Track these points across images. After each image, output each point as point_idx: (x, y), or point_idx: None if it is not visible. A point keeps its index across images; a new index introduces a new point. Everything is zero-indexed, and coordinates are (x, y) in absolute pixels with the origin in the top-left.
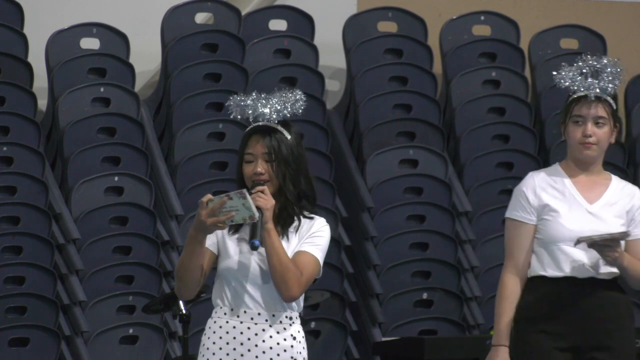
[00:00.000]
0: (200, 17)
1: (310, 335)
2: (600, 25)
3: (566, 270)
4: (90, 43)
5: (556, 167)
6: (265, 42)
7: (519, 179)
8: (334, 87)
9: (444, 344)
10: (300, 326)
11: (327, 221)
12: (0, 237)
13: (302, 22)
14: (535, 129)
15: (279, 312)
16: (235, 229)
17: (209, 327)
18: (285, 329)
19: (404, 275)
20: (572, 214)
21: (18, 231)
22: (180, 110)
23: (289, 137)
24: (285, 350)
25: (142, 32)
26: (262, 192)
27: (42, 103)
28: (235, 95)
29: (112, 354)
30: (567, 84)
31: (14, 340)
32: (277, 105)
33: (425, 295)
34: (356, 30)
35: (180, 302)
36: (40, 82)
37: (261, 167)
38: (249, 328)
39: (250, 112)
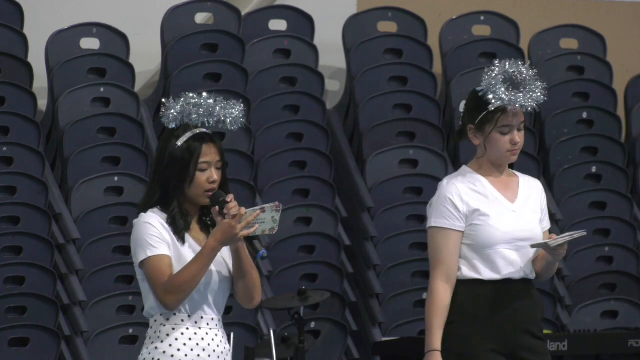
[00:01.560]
0: (200, 17)
1: (310, 335)
2: (600, 25)
3: (504, 272)
4: (90, 43)
5: (467, 170)
6: (265, 42)
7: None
8: (334, 87)
9: None
10: None
11: (326, 221)
12: (0, 237)
13: (302, 22)
14: (535, 129)
15: (220, 315)
16: (181, 237)
17: (167, 335)
18: (223, 331)
19: (404, 275)
20: (500, 216)
21: (18, 231)
22: None
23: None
24: (227, 354)
25: (142, 32)
26: (231, 200)
27: (42, 103)
28: (172, 100)
29: (112, 354)
30: (491, 96)
31: (14, 340)
32: (235, 114)
33: (425, 296)
34: (356, 30)
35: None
36: (40, 82)
37: (216, 174)
38: (207, 333)
39: (211, 119)
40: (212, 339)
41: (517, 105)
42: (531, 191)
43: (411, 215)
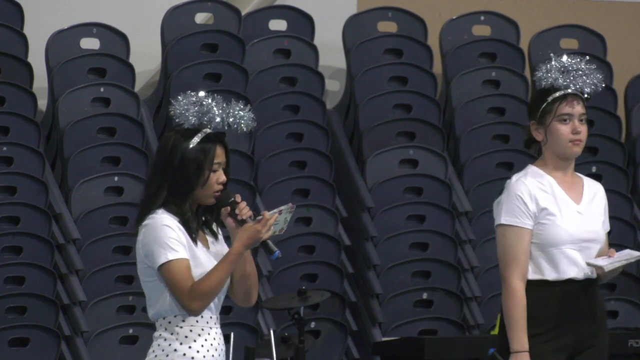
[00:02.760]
0: (200, 17)
1: (310, 335)
2: (600, 25)
3: (569, 273)
4: (90, 43)
5: (534, 169)
6: (265, 42)
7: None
8: (334, 87)
9: (444, 344)
10: None
11: (326, 221)
12: (0, 237)
13: (302, 22)
14: None
15: (217, 315)
16: (194, 239)
17: (186, 337)
18: (219, 331)
19: (404, 275)
20: (565, 215)
21: (18, 231)
22: None
23: None
24: (223, 349)
25: (142, 32)
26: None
27: (42, 103)
28: (181, 100)
29: (112, 354)
30: (546, 82)
31: (14, 340)
32: (244, 115)
33: (425, 295)
34: (356, 30)
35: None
36: (40, 82)
37: (224, 176)
38: (216, 333)
39: (224, 121)
40: (220, 338)
41: (585, 89)
42: (595, 194)
43: (411, 215)
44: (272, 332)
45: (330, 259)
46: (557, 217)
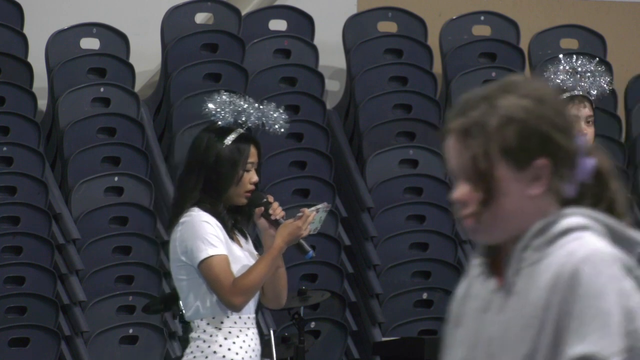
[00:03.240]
0: (200, 17)
1: (310, 335)
2: (600, 25)
3: None
4: (90, 43)
5: None
6: (265, 42)
7: None
8: (334, 87)
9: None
10: None
11: (326, 221)
12: (0, 237)
13: (302, 22)
14: None
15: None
16: (231, 237)
17: (225, 339)
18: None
19: (404, 275)
20: None
21: (18, 231)
22: (180, 110)
23: None
24: (259, 350)
25: (142, 32)
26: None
27: (42, 103)
28: (217, 99)
29: (112, 354)
30: (557, 82)
31: (14, 340)
32: (281, 116)
33: (425, 295)
34: (356, 30)
35: (180, 302)
36: (40, 82)
37: (257, 176)
38: (253, 334)
39: (262, 118)
40: (257, 338)
41: (592, 90)
42: None
43: (411, 215)
44: (272, 332)
45: (330, 259)
46: None
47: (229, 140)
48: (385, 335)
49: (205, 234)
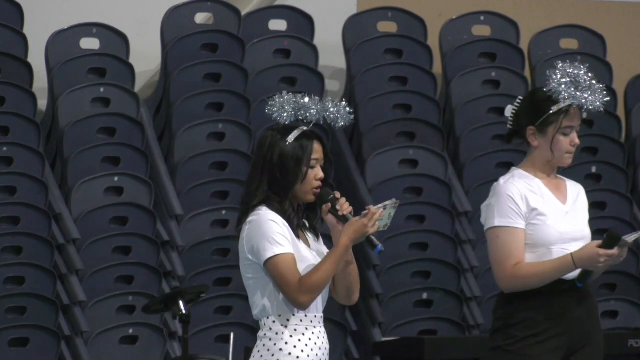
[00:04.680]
0: (200, 17)
1: None
2: (600, 25)
3: None
4: (90, 43)
5: (520, 171)
6: (265, 42)
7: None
8: (334, 87)
9: (444, 344)
10: None
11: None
12: (0, 237)
13: (302, 22)
14: None
15: (322, 313)
16: (297, 235)
17: (291, 336)
18: (323, 329)
19: (404, 275)
20: (554, 215)
21: (18, 231)
22: (180, 110)
23: None
24: (327, 348)
25: (142, 32)
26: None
27: (42, 103)
28: (278, 98)
29: (112, 354)
30: (561, 97)
31: (14, 340)
32: (342, 111)
33: (425, 295)
34: (356, 30)
35: (180, 302)
36: (40, 82)
37: (322, 172)
38: (320, 332)
39: (327, 112)
40: (323, 336)
41: (588, 106)
42: (577, 193)
43: (411, 215)
44: None
45: None
46: (547, 217)
47: (291, 137)
48: (385, 335)
49: (271, 233)
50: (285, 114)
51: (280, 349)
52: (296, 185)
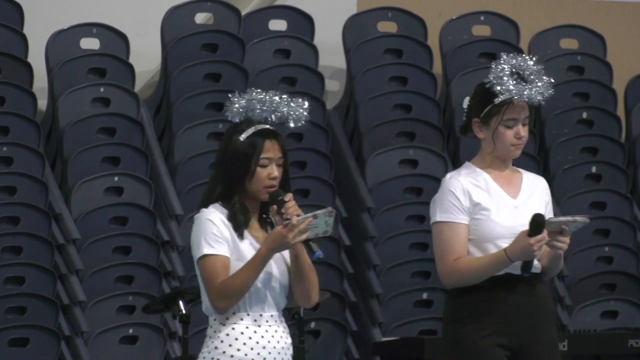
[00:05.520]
0: (200, 17)
1: (310, 335)
2: (600, 25)
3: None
4: (90, 43)
5: (470, 166)
6: (265, 42)
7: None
8: (334, 87)
9: None
10: None
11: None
12: (0, 237)
13: (302, 22)
14: (535, 129)
15: (281, 312)
16: (241, 233)
17: (227, 335)
18: (284, 328)
19: (404, 275)
20: (501, 210)
21: (18, 231)
22: (180, 110)
23: None
24: (288, 349)
25: (142, 32)
26: (290, 199)
27: (42, 103)
28: (241, 95)
29: (112, 354)
30: (499, 88)
31: (14, 340)
32: (299, 110)
33: (425, 295)
34: (356, 30)
35: (180, 302)
36: (40, 82)
37: (277, 171)
38: (266, 331)
39: (275, 112)
40: (272, 336)
41: (525, 99)
42: (535, 187)
43: (411, 215)
44: None
45: (330, 259)
46: (491, 212)
47: (244, 135)
48: (385, 335)
49: (205, 233)
50: (235, 112)
51: (216, 347)
52: (246, 183)
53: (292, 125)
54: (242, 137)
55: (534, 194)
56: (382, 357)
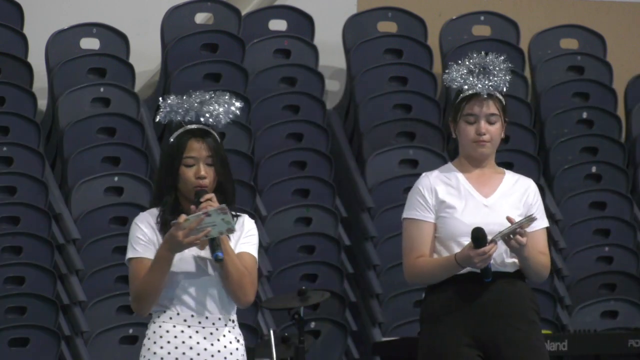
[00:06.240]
0: (200, 17)
1: (310, 335)
2: (600, 25)
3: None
4: (90, 43)
5: (449, 165)
6: (265, 42)
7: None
8: (334, 87)
9: None
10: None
11: (326, 221)
12: (0, 237)
13: (302, 22)
14: (535, 129)
15: (224, 315)
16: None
17: (154, 332)
18: (229, 331)
19: (403, 275)
20: (468, 209)
21: (18, 231)
22: None
23: (218, 139)
24: (231, 354)
25: (142, 32)
26: (210, 199)
27: (42, 103)
28: (168, 97)
29: (112, 354)
30: (457, 84)
31: (14, 340)
32: (220, 108)
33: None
34: (356, 30)
35: None
36: (40, 82)
37: (204, 170)
38: (197, 332)
39: (191, 113)
40: (204, 337)
41: (479, 91)
42: (517, 189)
43: None
44: (272, 332)
45: (330, 259)
46: (456, 210)
47: (173, 136)
48: (385, 335)
49: (131, 236)
50: (163, 114)
51: (144, 344)
52: (176, 183)
53: (212, 124)
54: (171, 138)
55: (512, 195)
56: (382, 357)
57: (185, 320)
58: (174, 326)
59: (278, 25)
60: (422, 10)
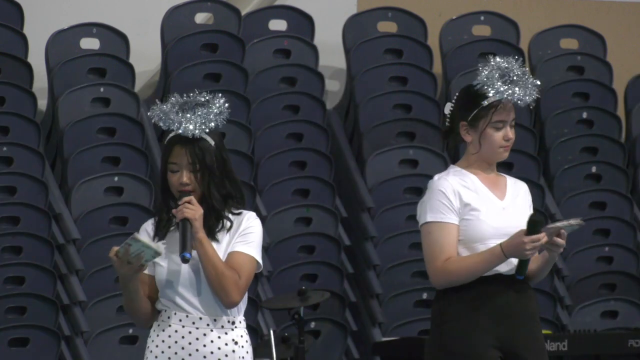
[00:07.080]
0: (200, 17)
1: (310, 335)
2: (600, 25)
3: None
4: (90, 43)
5: (456, 168)
6: (265, 42)
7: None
8: (334, 87)
9: None
10: (245, 330)
11: (326, 221)
12: (0, 237)
13: (302, 22)
14: (535, 129)
15: (220, 316)
16: (161, 237)
17: (153, 330)
18: (226, 333)
19: (404, 275)
20: (490, 211)
21: (18, 231)
22: None
23: (212, 143)
24: (226, 355)
25: (142, 32)
26: (189, 202)
27: (42, 103)
28: (159, 104)
29: (112, 354)
30: (489, 90)
31: (14, 340)
32: (201, 119)
33: (425, 295)
34: (356, 30)
35: None
36: (40, 82)
37: (186, 177)
38: (190, 332)
39: (175, 125)
40: (197, 338)
41: (516, 100)
42: (518, 191)
43: (411, 215)
44: (272, 332)
45: (330, 259)
46: (480, 212)
47: (165, 140)
48: (385, 335)
49: None
50: (156, 118)
51: (148, 346)
52: (168, 188)
53: (187, 134)
54: (165, 142)
55: (518, 197)
56: (382, 357)
57: (180, 321)
58: (170, 326)
59: (278, 25)
60: (422, 10)
